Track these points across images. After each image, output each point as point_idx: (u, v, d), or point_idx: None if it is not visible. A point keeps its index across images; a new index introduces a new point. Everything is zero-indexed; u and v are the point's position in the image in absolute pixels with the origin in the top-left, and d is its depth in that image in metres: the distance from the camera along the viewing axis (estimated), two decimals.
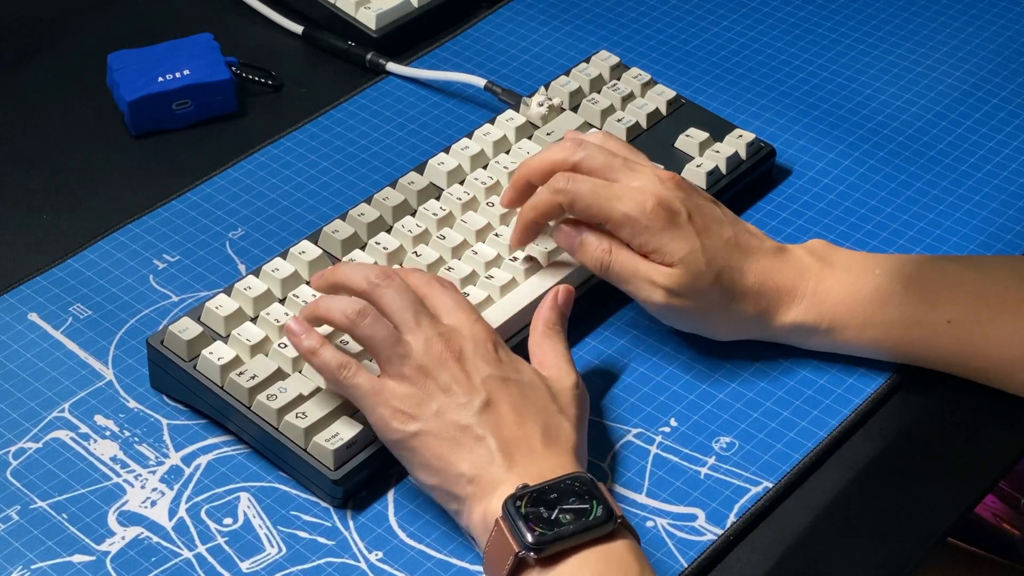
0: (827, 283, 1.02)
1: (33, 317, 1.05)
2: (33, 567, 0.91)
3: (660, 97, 1.19)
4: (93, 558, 0.92)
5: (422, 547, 0.93)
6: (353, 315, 0.94)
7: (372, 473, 0.96)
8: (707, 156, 1.14)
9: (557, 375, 0.95)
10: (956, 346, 1.01)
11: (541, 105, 1.16)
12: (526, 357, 0.97)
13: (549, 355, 0.97)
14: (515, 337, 1.01)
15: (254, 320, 1.01)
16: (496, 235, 1.06)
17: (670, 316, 1.02)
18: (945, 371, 1.03)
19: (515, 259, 1.05)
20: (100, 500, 0.95)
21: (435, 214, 1.08)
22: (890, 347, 1.02)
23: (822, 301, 1.01)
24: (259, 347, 0.98)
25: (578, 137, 1.04)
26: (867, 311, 1.01)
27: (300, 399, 0.96)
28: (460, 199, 1.09)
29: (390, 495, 0.96)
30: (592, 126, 1.17)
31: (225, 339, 0.99)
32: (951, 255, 1.11)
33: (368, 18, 1.28)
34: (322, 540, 0.93)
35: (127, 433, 0.99)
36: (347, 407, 0.96)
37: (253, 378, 0.96)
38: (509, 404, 0.91)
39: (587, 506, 0.86)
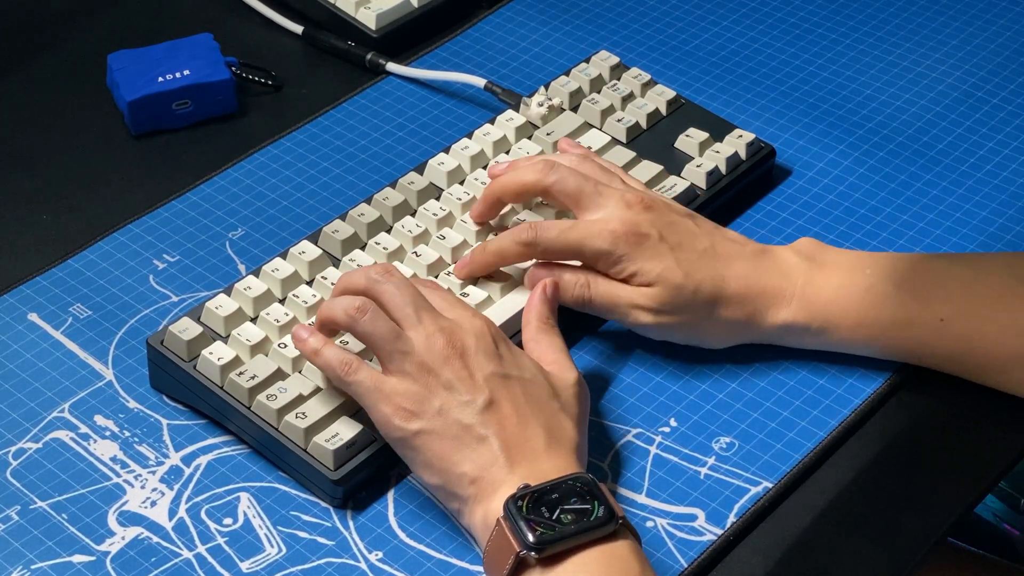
0: (817, 283, 1.01)
1: (33, 317, 1.05)
2: (33, 567, 0.91)
3: (660, 97, 1.19)
4: (93, 558, 0.92)
5: (422, 547, 0.93)
6: (352, 311, 0.94)
7: (372, 473, 0.96)
8: (707, 156, 1.14)
9: (558, 371, 0.95)
10: (950, 344, 1.01)
11: (541, 105, 1.16)
12: None
13: (548, 351, 0.97)
14: (515, 337, 1.01)
15: (254, 320, 1.01)
16: (496, 236, 1.06)
17: (662, 333, 1.02)
18: (940, 369, 1.03)
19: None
20: (100, 500, 0.95)
21: (435, 214, 1.08)
22: (883, 346, 1.02)
23: (812, 301, 1.01)
24: (259, 347, 0.98)
25: (551, 158, 1.04)
26: (859, 310, 1.01)
27: (300, 399, 0.96)
28: (460, 199, 1.09)
29: (390, 495, 0.96)
30: (592, 126, 1.17)
31: (225, 339, 0.99)
32: (943, 253, 1.10)
33: (368, 18, 1.28)
34: (322, 540, 0.93)
35: (127, 433, 0.99)
36: (347, 407, 0.96)
37: (253, 378, 0.96)
38: (511, 403, 0.91)
39: (589, 506, 0.86)
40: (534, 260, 1.03)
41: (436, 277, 1.04)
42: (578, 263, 1.02)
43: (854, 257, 1.03)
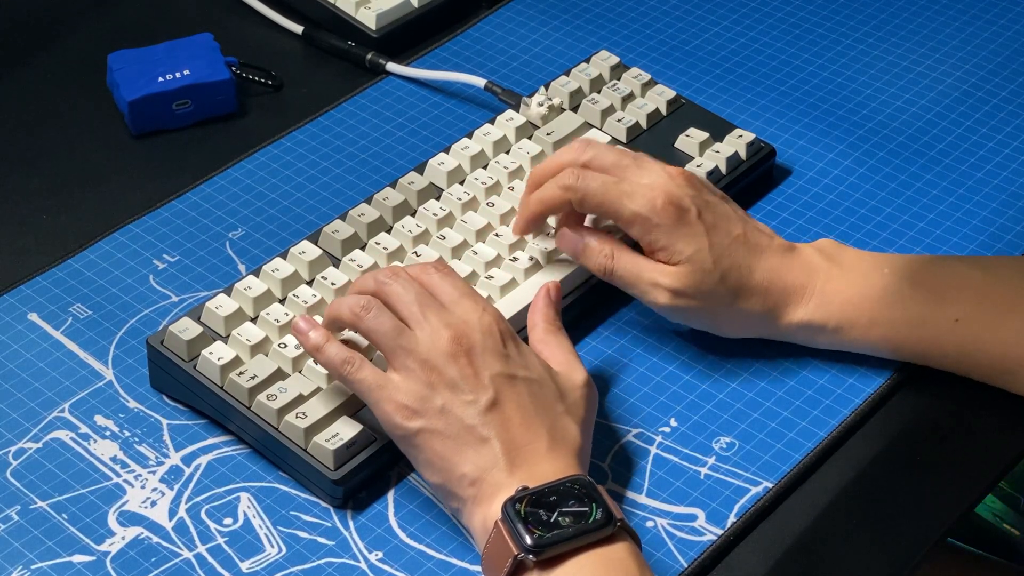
0: (835, 282, 1.02)
1: (33, 317, 1.05)
2: (33, 567, 0.91)
3: (660, 97, 1.19)
4: (93, 558, 0.92)
5: (422, 547, 0.93)
6: (358, 309, 0.94)
7: (372, 473, 0.96)
8: (707, 156, 1.14)
9: (567, 371, 0.95)
10: (962, 346, 1.01)
11: (541, 105, 1.16)
12: None
13: (556, 352, 0.96)
14: (520, 334, 1.01)
15: (254, 320, 1.01)
16: (496, 235, 1.06)
17: (676, 315, 1.02)
18: (951, 371, 1.02)
19: (515, 259, 1.05)
20: (100, 500, 0.95)
21: (435, 214, 1.08)
22: (897, 346, 1.02)
23: (831, 300, 1.01)
24: (259, 347, 0.98)
25: (585, 139, 1.04)
26: (874, 310, 1.01)
27: (300, 399, 0.96)
28: (460, 199, 1.09)
29: (390, 495, 0.96)
30: (592, 126, 1.17)
31: (225, 339, 0.99)
32: (959, 255, 1.11)
33: (368, 18, 1.28)
34: (322, 540, 0.93)
35: (127, 433, 0.99)
36: (347, 407, 0.96)
37: (253, 378, 0.96)
38: (516, 404, 0.91)
39: (587, 509, 0.86)
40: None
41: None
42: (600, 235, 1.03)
43: (871, 257, 1.03)
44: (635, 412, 1.01)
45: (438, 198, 1.10)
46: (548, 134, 1.15)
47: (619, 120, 1.17)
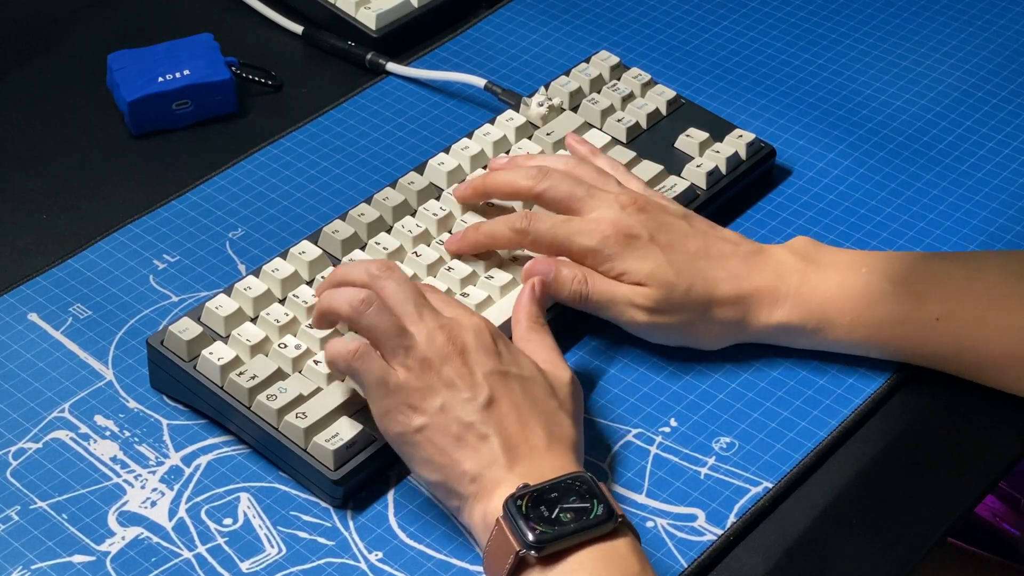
0: (812, 282, 1.01)
1: (33, 317, 1.05)
2: (33, 567, 0.91)
3: (660, 97, 1.19)
4: (93, 558, 0.92)
5: (422, 547, 0.93)
6: (357, 304, 0.93)
7: (372, 473, 0.96)
8: (707, 156, 1.15)
9: (552, 369, 0.95)
10: (946, 343, 1.01)
11: (541, 105, 1.16)
12: None
13: (540, 349, 0.96)
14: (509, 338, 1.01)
15: (254, 320, 1.01)
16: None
17: (657, 334, 1.02)
18: (938, 368, 1.02)
19: (515, 259, 1.05)
20: (100, 500, 0.95)
21: (435, 214, 1.08)
22: (880, 345, 1.02)
23: (807, 301, 1.01)
24: (259, 347, 0.98)
25: (544, 164, 1.05)
26: (855, 310, 1.01)
27: (300, 399, 0.96)
28: None
29: (390, 495, 0.96)
30: (592, 126, 1.17)
31: (225, 339, 0.99)
32: (939, 252, 1.10)
33: (368, 18, 1.28)
34: (322, 540, 0.93)
35: (127, 433, 0.99)
36: (347, 407, 0.96)
37: (253, 378, 0.96)
38: (511, 401, 0.91)
39: (588, 505, 0.86)
40: (528, 254, 1.03)
41: (435, 276, 1.05)
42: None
43: (850, 256, 1.03)
44: (635, 412, 1.01)
45: (438, 198, 1.10)
46: (548, 134, 1.15)
47: (619, 120, 1.17)
